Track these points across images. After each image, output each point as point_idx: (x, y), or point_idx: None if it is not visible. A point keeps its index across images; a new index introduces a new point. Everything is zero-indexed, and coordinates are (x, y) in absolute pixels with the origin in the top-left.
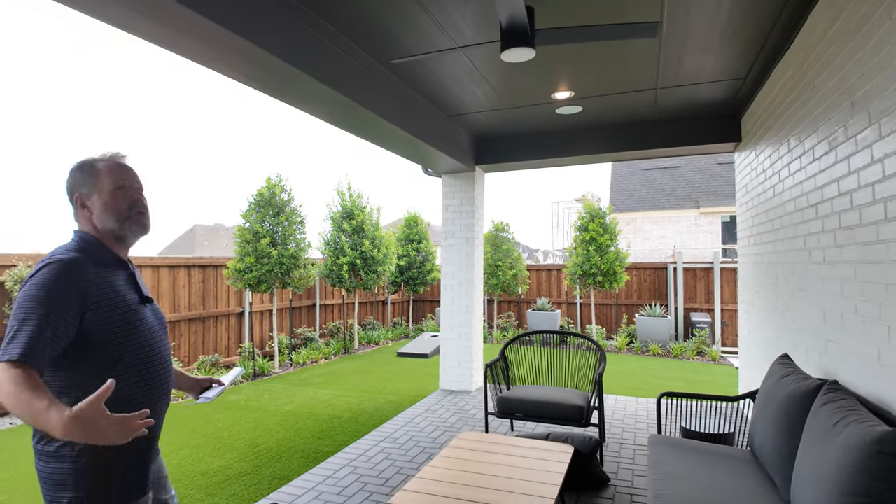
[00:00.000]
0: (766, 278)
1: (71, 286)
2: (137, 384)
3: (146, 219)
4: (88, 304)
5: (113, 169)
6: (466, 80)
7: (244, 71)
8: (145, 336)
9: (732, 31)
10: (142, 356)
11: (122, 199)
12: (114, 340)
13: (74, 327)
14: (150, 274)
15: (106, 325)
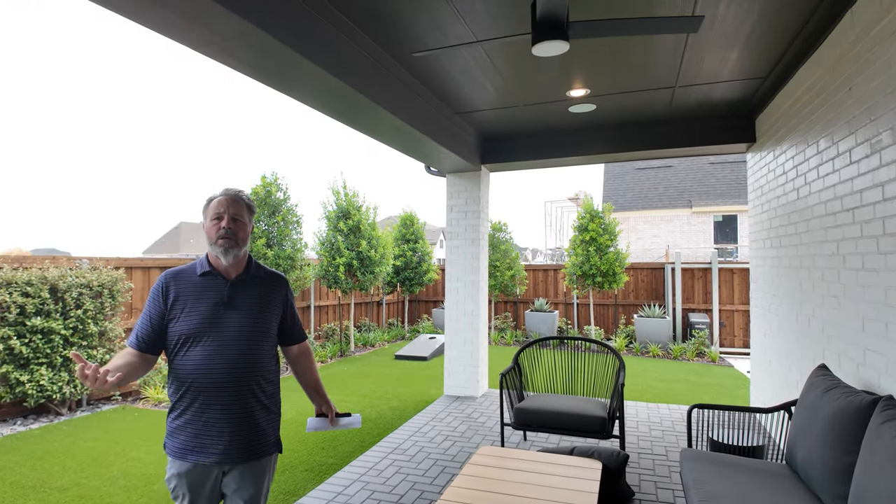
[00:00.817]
0: (787, 282)
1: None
2: (202, 376)
3: (228, 243)
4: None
5: (219, 202)
6: (479, 74)
7: (246, 59)
8: (222, 337)
9: (762, 28)
10: (210, 354)
11: (213, 228)
12: (188, 338)
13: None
14: (139, 276)
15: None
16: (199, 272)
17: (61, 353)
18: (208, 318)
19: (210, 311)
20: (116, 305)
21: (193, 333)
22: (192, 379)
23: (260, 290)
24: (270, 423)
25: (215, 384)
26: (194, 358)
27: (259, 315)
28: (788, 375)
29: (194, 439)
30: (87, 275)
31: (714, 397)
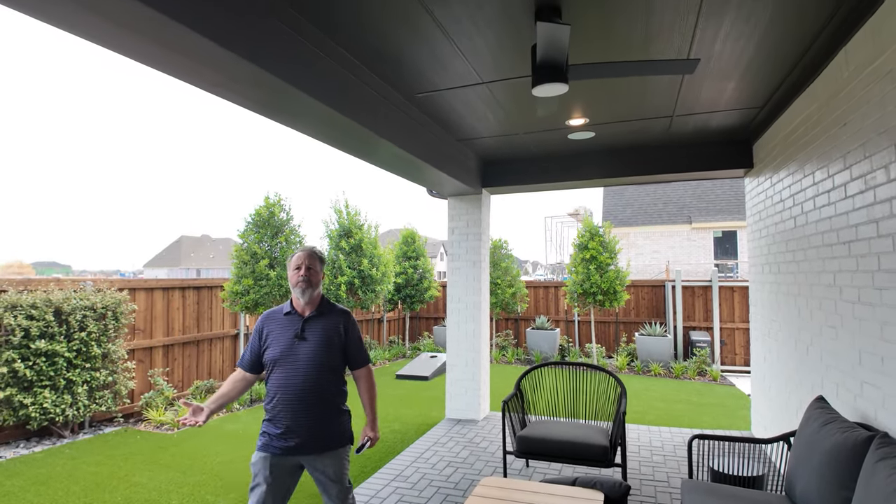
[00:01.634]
0: (786, 309)
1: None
2: (276, 397)
3: (304, 286)
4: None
5: (298, 256)
6: (481, 107)
7: (252, 97)
8: (290, 368)
9: (758, 62)
10: (286, 383)
11: (294, 276)
12: (271, 364)
13: (251, 355)
14: (143, 297)
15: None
16: (284, 312)
17: (65, 375)
18: (287, 347)
19: (288, 342)
20: (120, 327)
21: (277, 359)
22: (276, 393)
23: (326, 324)
24: (334, 424)
25: (291, 397)
26: (277, 377)
27: (324, 344)
28: (788, 402)
29: (279, 435)
30: (91, 297)
31: (715, 418)
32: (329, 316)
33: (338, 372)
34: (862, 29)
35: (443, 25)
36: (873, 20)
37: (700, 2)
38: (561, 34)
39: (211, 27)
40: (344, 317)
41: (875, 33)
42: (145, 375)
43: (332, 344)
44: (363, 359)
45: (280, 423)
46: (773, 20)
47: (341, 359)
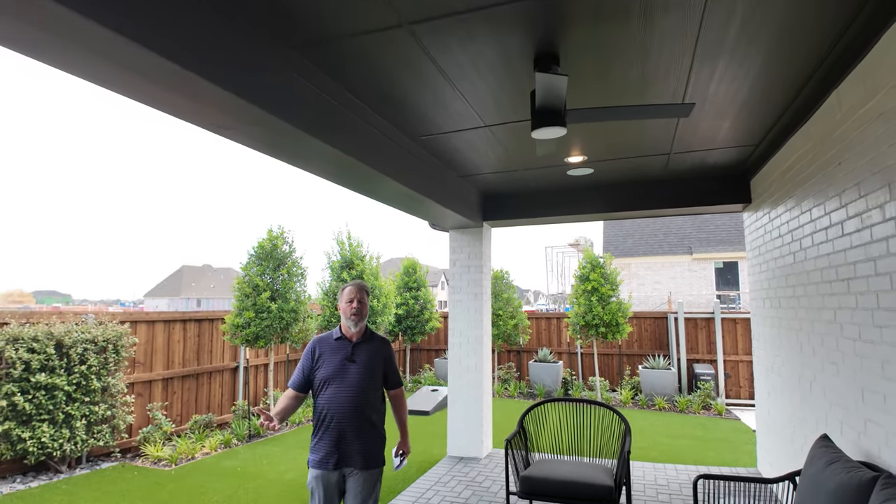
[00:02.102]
0: (788, 344)
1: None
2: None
3: (357, 318)
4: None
5: (350, 290)
6: (482, 146)
7: (259, 139)
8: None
9: (752, 103)
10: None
11: (348, 308)
12: (320, 389)
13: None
14: (144, 330)
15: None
16: (335, 337)
17: (63, 409)
18: (338, 368)
19: (339, 363)
20: (120, 360)
21: (328, 378)
22: (326, 409)
23: (371, 350)
24: (376, 441)
25: (340, 413)
26: (328, 395)
27: (369, 367)
28: (793, 438)
29: (328, 451)
30: (92, 330)
31: (720, 454)
32: (373, 342)
33: (379, 392)
34: (853, 72)
35: (445, 72)
36: (864, 64)
37: (694, 46)
38: (559, 83)
39: (219, 73)
40: (385, 344)
41: (866, 76)
42: (144, 409)
43: (375, 367)
44: (399, 381)
45: (330, 436)
46: (765, 64)
47: (382, 380)
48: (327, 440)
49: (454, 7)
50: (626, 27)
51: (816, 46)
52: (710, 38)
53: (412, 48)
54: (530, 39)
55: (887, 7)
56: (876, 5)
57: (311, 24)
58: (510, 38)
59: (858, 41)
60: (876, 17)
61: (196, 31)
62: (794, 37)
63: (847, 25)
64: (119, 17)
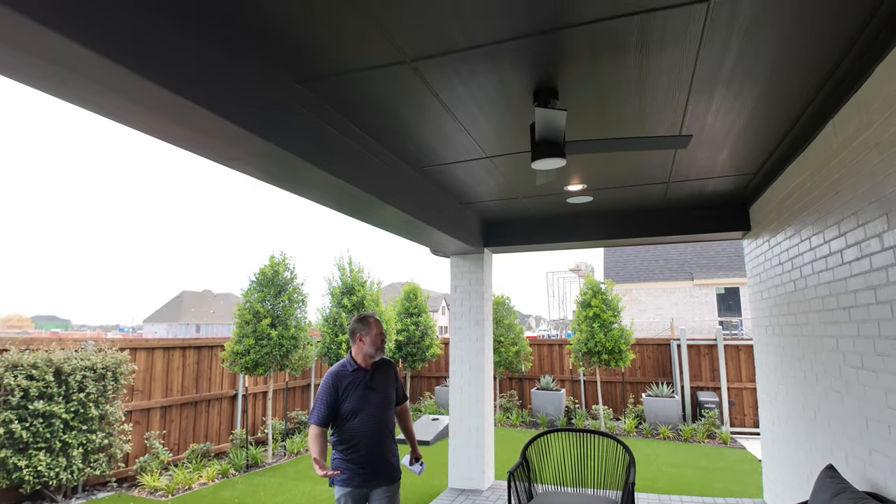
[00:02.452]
0: (791, 372)
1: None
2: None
3: (382, 349)
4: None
5: (376, 322)
6: (483, 175)
7: (265, 170)
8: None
9: (749, 133)
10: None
11: (378, 339)
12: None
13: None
14: (144, 357)
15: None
16: (351, 369)
17: (61, 437)
18: (361, 398)
19: (362, 394)
20: (119, 388)
21: (355, 409)
22: (356, 436)
23: (383, 374)
24: (395, 457)
25: (368, 438)
26: (356, 424)
27: (385, 391)
28: (799, 468)
29: (357, 471)
30: (91, 357)
31: (727, 485)
32: (382, 366)
33: (393, 409)
34: (848, 103)
35: (447, 105)
36: (858, 95)
37: (690, 80)
38: (557, 117)
39: (227, 107)
40: (391, 365)
41: (861, 108)
42: (141, 438)
43: (389, 389)
44: (405, 396)
45: (361, 459)
46: (761, 96)
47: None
48: (357, 462)
49: (455, 45)
50: (622, 63)
51: (812, 78)
52: (706, 72)
53: (415, 83)
54: (529, 74)
55: (881, 39)
56: (870, 38)
57: (319, 61)
58: (510, 73)
59: (853, 73)
60: (870, 50)
61: (205, 67)
62: (789, 69)
63: (841, 58)
64: (128, 52)
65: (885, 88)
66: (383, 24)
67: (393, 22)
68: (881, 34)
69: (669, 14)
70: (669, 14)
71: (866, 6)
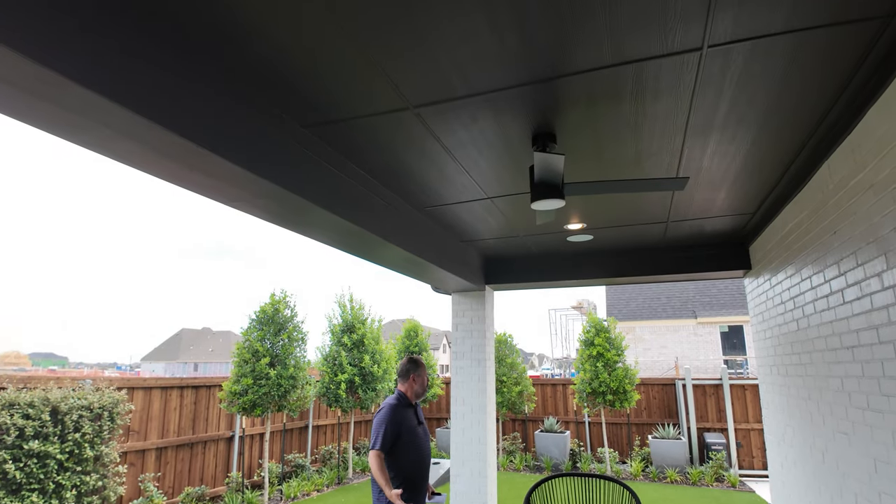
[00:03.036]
0: (798, 413)
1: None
2: (413, 469)
3: (427, 389)
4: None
5: (423, 365)
6: (484, 214)
7: (270, 211)
8: (419, 444)
9: (745, 176)
10: (417, 455)
11: (425, 379)
12: (404, 447)
13: (392, 439)
14: (141, 396)
15: (401, 439)
16: (404, 405)
17: (55, 478)
18: (414, 430)
19: (414, 426)
20: (115, 428)
21: (412, 440)
22: (415, 465)
23: (418, 411)
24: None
25: (423, 464)
26: (412, 453)
27: (424, 426)
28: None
29: (413, 497)
30: (88, 396)
31: None
32: (416, 405)
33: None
34: (842, 145)
35: (449, 149)
36: (852, 137)
37: (685, 126)
38: (556, 161)
39: (234, 151)
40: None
41: (854, 150)
42: (136, 480)
43: (424, 424)
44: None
45: (417, 484)
46: (755, 140)
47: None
48: (413, 490)
49: (456, 93)
50: (618, 109)
51: (804, 123)
52: (700, 118)
53: (418, 128)
54: (528, 120)
55: (871, 85)
56: (860, 83)
57: (325, 108)
58: (509, 118)
59: (845, 117)
60: (861, 94)
61: (214, 112)
62: (782, 115)
63: (832, 103)
64: (140, 99)
65: (876, 131)
66: (388, 74)
67: (398, 72)
68: (871, 79)
69: (663, 63)
70: (663, 63)
71: (855, 54)
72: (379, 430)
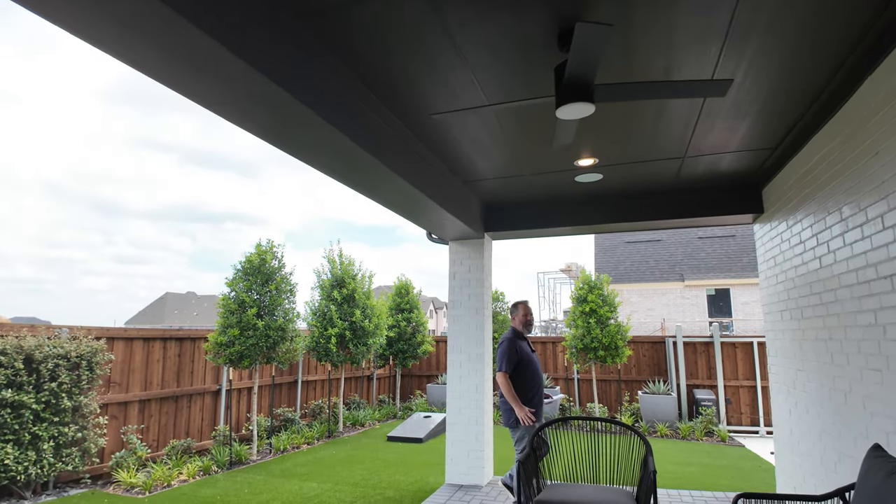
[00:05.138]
0: (814, 356)
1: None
2: (531, 391)
3: (532, 327)
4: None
5: (523, 307)
6: (488, 141)
7: (259, 121)
8: (534, 369)
9: (776, 98)
10: (534, 379)
11: (524, 319)
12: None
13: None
14: (122, 347)
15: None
16: (518, 337)
17: (30, 429)
18: (529, 356)
19: (529, 354)
20: (94, 378)
21: (529, 363)
22: (532, 384)
23: (529, 342)
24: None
25: (538, 385)
26: (532, 373)
27: (535, 353)
28: (823, 457)
29: (536, 410)
30: (65, 345)
31: (732, 481)
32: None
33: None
34: (891, 54)
35: (461, 49)
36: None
37: (728, 26)
38: (598, 37)
39: (225, 34)
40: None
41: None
42: (118, 433)
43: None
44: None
45: (538, 400)
46: (796, 49)
47: None
48: (536, 403)
49: None
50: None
51: (851, 28)
52: (745, 16)
53: (431, 19)
54: (553, 14)
55: None
56: None
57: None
58: (529, 14)
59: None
60: None
61: None
62: (830, 16)
63: (886, 4)
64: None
65: None
66: None
67: None
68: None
69: None
70: None
71: None
72: (503, 357)
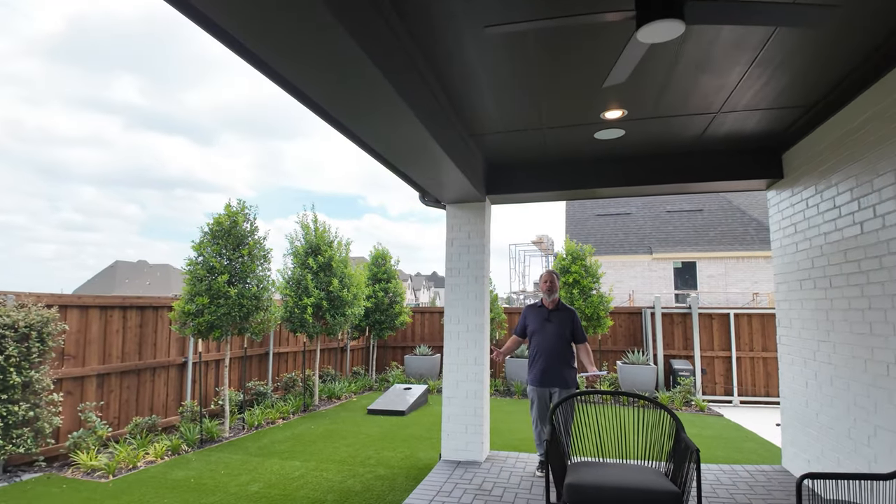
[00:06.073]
0: (845, 326)
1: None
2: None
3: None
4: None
5: (547, 275)
6: (510, 80)
7: None
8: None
9: (831, 48)
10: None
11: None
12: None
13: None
14: (76, 316)
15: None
16: (537, 305)
17: None
18: (539, 325)
19: (540, 323)
20: (46, 351)
21: (536, 330)
22: (537, 349)
23: (561, 315)
24: (566, 371)
25: (544, 352)
26: (536, 341)
27: (560, 326)
28: (852, 430)
29: (537, 375)
30: (11, 313)
31: (727, 452)
32: (562, 310)
33: (568, 342)
34: None
35: None
36: None
37: None
38: None
39: None
40: (570, 311)
41: None
42: (74, 410)
43: (565, 326)
44: (583, 337)
45: (539, 367)
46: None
47: (570, 335)
48: (536, 368)
49: None
50: None
51: None
52: None
53: None
54: None
55: None
56: None
57: None
58: None
59: None
60: None
61: None
62: None
63: None
64: None
65: None
66: None
67: None
68: None
69: None
70: None
71: None
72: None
